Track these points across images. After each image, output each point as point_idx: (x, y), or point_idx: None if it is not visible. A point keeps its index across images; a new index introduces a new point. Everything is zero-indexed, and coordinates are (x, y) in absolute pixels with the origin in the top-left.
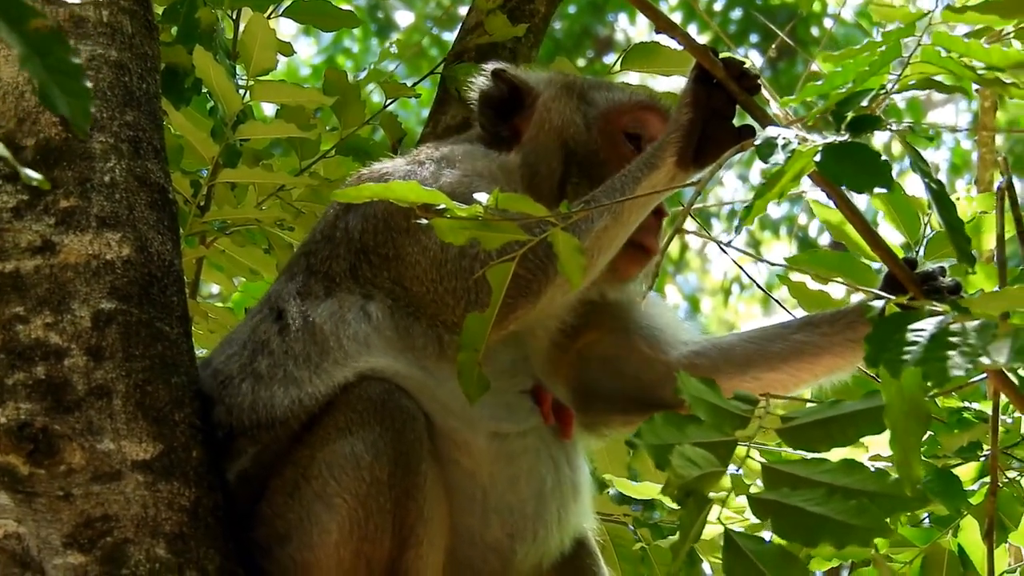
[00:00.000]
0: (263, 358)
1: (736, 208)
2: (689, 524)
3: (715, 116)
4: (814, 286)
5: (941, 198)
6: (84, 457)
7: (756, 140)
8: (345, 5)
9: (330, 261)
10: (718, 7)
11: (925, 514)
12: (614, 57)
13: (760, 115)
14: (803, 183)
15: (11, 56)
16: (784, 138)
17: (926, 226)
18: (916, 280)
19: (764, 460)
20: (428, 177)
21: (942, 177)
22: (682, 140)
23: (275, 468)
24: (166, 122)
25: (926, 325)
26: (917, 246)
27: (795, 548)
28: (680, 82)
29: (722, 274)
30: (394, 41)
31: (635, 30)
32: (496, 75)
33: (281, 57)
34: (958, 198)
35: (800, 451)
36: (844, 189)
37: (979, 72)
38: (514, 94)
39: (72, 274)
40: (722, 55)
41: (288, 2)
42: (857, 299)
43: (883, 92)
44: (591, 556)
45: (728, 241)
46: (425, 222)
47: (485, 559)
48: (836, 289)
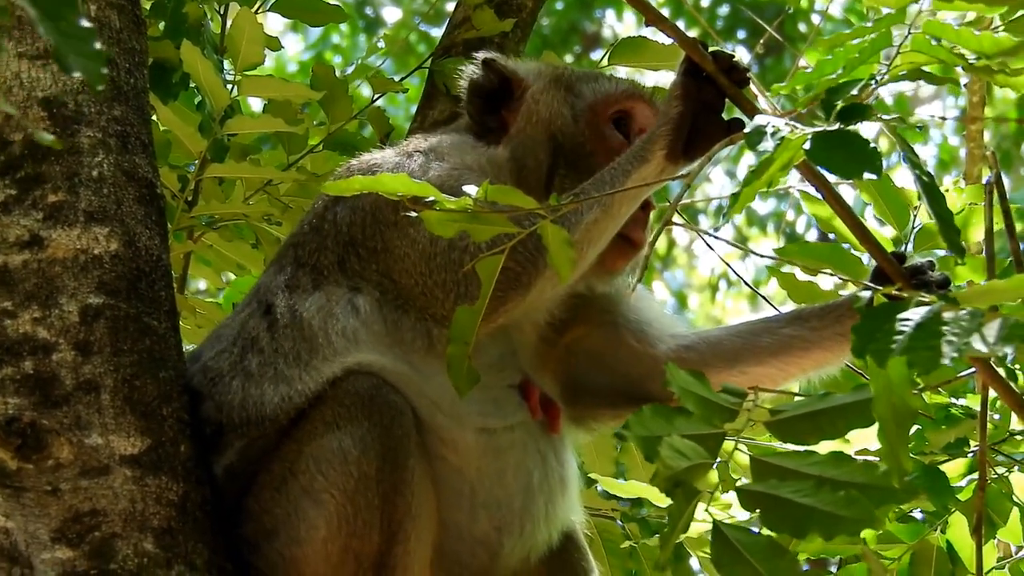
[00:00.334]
0: (253, 356)
1: (724, 204)
2: (678, 515)
3: (705, 109)
4: (803, 277)
5: (931, 190)
6: (72, 452)
7: (745, 129)
8: (332, 0)
9: (318, 253)
10: (705, 3)
11: (914, 510)
12: (601, 53)
13: (749, 108)
14: (791, 179)
15: None
16: (773, 126)
17: (915, 218)
18: (905, 274)
19: (752, 453)
20: (417, 169)
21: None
22: (672, 133)
23: (262, 463)
24: (154, 117)
25: (913, 314)
26: (906, 240)
27: (784, 540)
28: (668, 77)
29: (709, 270)
30: (382, 36)
31: (622, 26)
32: (487, 65)
33: (269, 53)
34: (947, 190)
35: (789, 444)
36: (832, 182)
37: (970, 61)
38: (504, 85)
39: (60, 269)
40: (711, 49)
41: None
42: (846, 293)
43: (873, 81)
44: (579, 550)
45: (716, 228)
46: (414, 215)
47: (473, 553)
48: (825, 281)
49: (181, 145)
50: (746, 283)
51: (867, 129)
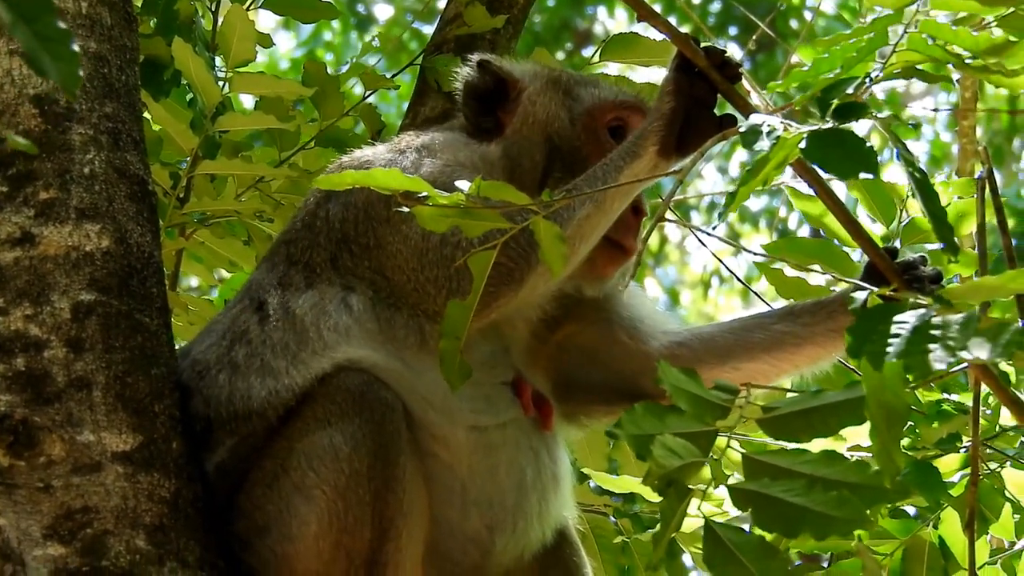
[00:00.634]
0: (240, 347)
1: (716, 201)
2: (670, 513)
3: (697, 105)
4: (792, 273)
5: (924, 187)
6: (64, 449)
7: (740, 128)
8: None
9: (310, 251)
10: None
11: (906, 506)
12: (593, 50)
13: (741, 104)
14: (782, 176)
15: None
16: (769, 125)
17: (902, 212)
18: (897, 270)
19: (744, 451)
20: (409, 166)
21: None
22: (664, 129)
23: (253, 460)
24: (145, 114)
25: (909, 317)
26: (895, 236)
27: (775, 537)
28: (660, 73)
29: (702, 267)
30: (376, 35)
31: (614, 23)
32: (482, 66)
33: (261, 51)
34: (938, 185)
35: (781, 441)
36: (825, 178)
37: (965, 60)
38: (499, 86)
39: (52, 266)
40: (703, 44)
41: None
42: (838, 290)
43: (869, 80)
44: (571, 546)
45: (713, 227)
46: (406, 210)
47: (465, 551)
48: (815, 277)
49: (173, 142)
50: (739, 279)
51: (859, 125)
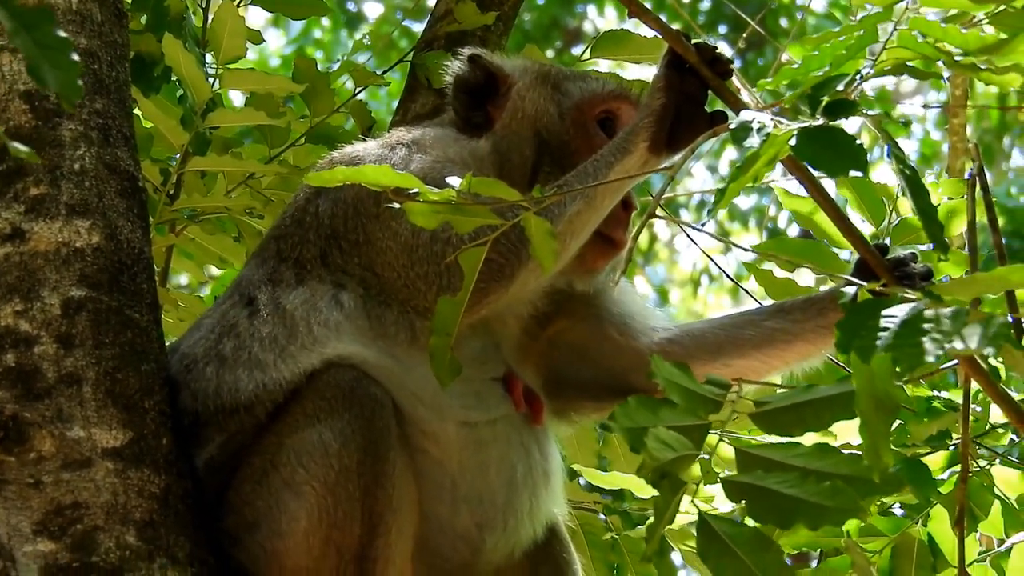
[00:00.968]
0: (229, 340)
1: (706, 199)
2: (664, 506)
3: (687, 101)
4: (781, 274)
5: (914, 183)
6: (54, 445)
7: (731, 124)
8: None
9: (300, 247)
10: None
11: (895, 503)
12: (584, 47)
13: (732, 100)
14: (772, 174)
15: None
16: (759, 122)
17: (892, 212)
18: (888, 266)
19: (737, 445)
20: (399, 162)
21: None
22: (655, 125)
23: (242, 456)
24: (136, 110)
25: (898, 311)
26: (884, 236)
27: (769, 532)
28: (650, 70)
29: (691, 265)
30: (367, 33)
31: (604, 21)
32: (472, 60)
33: (251, 49)
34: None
35: (773, 436)
36: (816, 176)
37: (955, 58)
38: (489, 80)
39: (42, 261)
40: (694, 40)
41: None
42: (827, 288)
43: (859, 77)
44: (561, 543)
45: (703, 223)
46: (396, 206)
47: (455, 548)
48: (804, 277)
49: (163, 138)
50: (729, 277)
51: (850, 123)
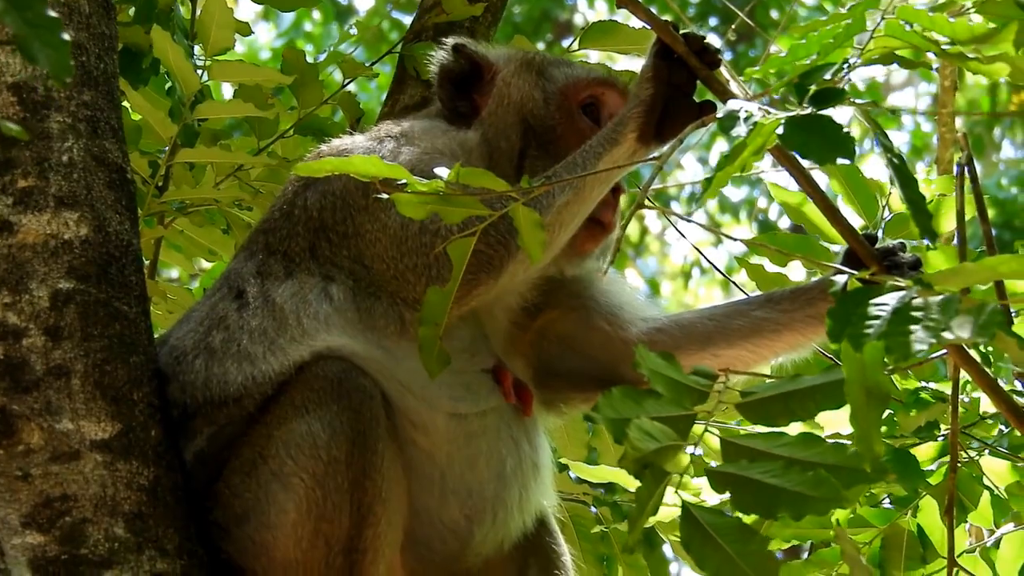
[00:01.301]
0: (218, 333)
1: (696, 191)
2: (647, 497)
3: (676, 91)
4: (772, 268)
5: (903, 174)
6: (42, 437)
7: (718, 113)
8: None
9: (289, 240)
10: None
11: (884, 495)
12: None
13: (720, 90)
14: (763, 165)
15: None
16: (746, 111)
17: (884, 208)
18: (876, 256)
19: (722, 435)
20: (388, 154)
21: None
22: (643, 115)
23: (232, 448)
24: (124, 102)
25: (889, 300)
26: (875, 229)
27: (756, 525)
28: (639, 61)
29: (682, 258)
30: (354, 23)
31: (594, 14)
32: (457, 50)
33: (240, 42)
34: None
35: (759, 426)
36: (806, 166)
37: (943, 47)
38: (474, 69)
39: (30, 254)
40: (682, 31)
41: None
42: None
43: (846, 66)
44: (551, 535)
45: (690, 213)
46: (385, 198)
47: (444, 540)
48: (795, 272)
49: (151, 130)
50: (718, 270)
51: (838, 112)
